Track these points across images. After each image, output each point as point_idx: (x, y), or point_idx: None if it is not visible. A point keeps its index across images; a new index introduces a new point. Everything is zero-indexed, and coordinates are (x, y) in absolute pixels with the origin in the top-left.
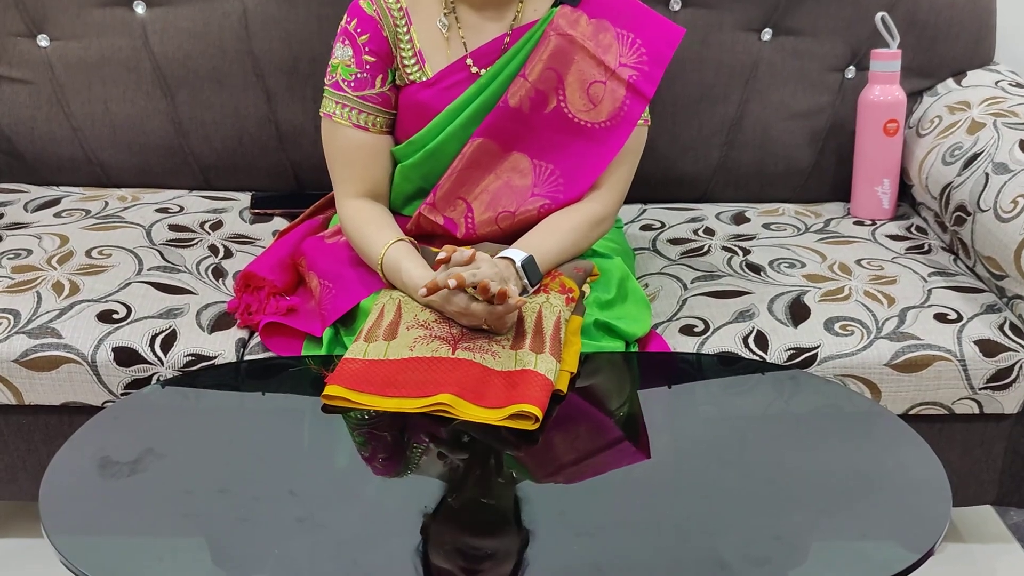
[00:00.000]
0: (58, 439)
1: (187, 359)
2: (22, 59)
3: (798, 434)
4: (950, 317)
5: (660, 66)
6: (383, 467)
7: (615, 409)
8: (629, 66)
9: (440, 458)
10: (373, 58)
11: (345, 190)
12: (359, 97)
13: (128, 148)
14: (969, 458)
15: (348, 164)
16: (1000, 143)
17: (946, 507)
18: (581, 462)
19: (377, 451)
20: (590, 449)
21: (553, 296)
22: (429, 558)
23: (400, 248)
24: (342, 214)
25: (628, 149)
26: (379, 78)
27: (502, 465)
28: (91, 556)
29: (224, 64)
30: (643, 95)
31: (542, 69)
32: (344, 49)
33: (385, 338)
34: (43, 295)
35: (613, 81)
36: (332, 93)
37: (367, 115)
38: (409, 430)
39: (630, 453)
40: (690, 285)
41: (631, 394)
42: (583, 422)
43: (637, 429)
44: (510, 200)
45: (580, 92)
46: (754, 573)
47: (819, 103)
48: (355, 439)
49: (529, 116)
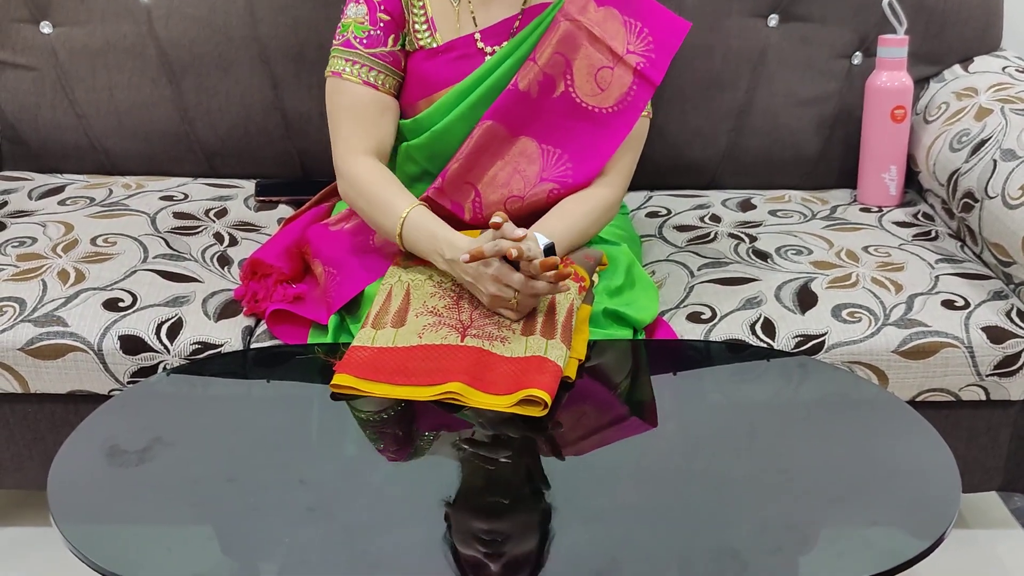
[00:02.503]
0: (64, 428)
1: (194, 347)
2: (26, 45)
3: (807, 421)
4: (957, 304)
5: (667, 55)
6: (393, 455)
7: (623, 396)
8: (636, 53)
9: (449, 446)
10: (387, 16)
11: (352, 146)
12: (371, 54)
13: (133, 135)
14: (975, 445)
15: (358, 120)
16: (1008, 129)
17: (956, 494)
18: (590, 449)
19: (386, 439)
20: (599, 436)
21: (568, 283)
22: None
23: (425, 211)
24: (349, 172)
25: (632, 137)
26: (391, 37)
27: (512, 452)
28: (100, 545)
29: (230, 50)
30: (651, 82)
31: (551, 54)
32: (359, 8)
33: (393, 325)
34: (48, 283)
35: (620, 67)
36: (342, 51)
37: (377, 72)
38: (418, 418)
39: (639, 440)
40: (697, 272)
41: (639, 381)
42: (592, 409)
43: (646, 417)
44: (519, 184)
45: (588, 77)
46: (766, 561)
47: (826, 89)
48: (364, 427)
49: (538, 100)
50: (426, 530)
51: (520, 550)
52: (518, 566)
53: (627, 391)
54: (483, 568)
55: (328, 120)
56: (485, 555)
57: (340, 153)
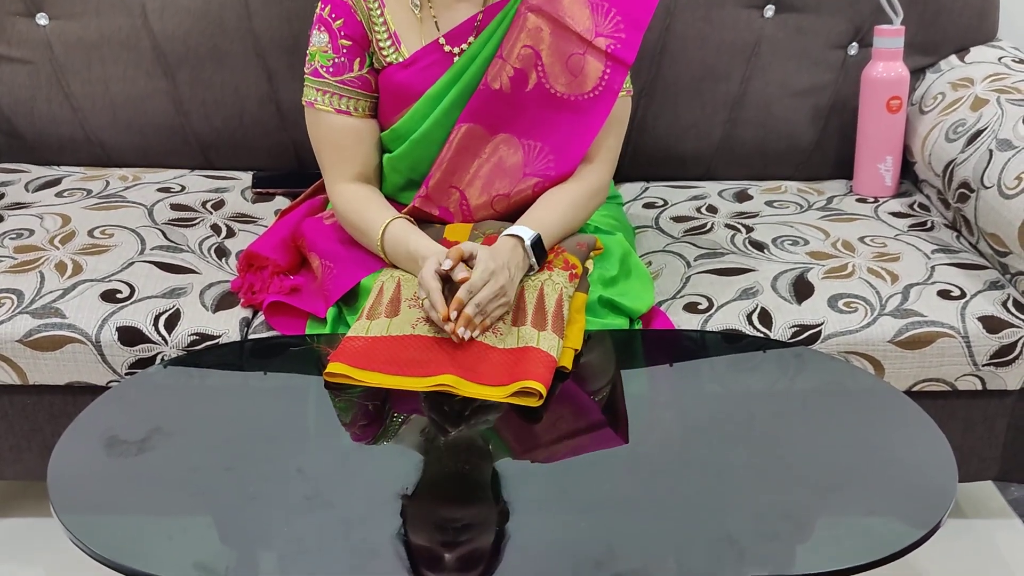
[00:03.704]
0: (62, 419)
1: (191, 338)
2: (21, 38)
3: (803, 411)
4: (953, 294)
5: (638, 31)
6: (390, 445)
7: (620, 386)
8: (605, 35)
9: (446, 436)
10: (349, 42)
11: (336, 175)
12: (338, 82)
13: (128, 128)
14: (971, 434)
15: (336, 149)
16: (1004, 120)
17: (952, 483)
18: (587, 439)
19: (383, 429)
20: (595, 426)
21: (556, 273)
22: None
23: (402, 223)
24: (336, 200)
25: (613, 119)
26: (356, 61)
27: (507, 443)
28: (100, 535)
29: (224, 43)
30: (623, 63)
31: (519, 47)
32: (320, 36)
33: (387, 315)
34: (46, 275)
35: (591, 52)
36: (312, 81)
37: (347, 99)
38: (415, 408)
39: (636, 430)
40: (693, 263)
41: (636, 371)
42: (588, 399)
43: (643, 406)
44: (503, 182)
45: (560, 66)
46: (763, 549)
47: (822, 80)
48: (361, 417)
49: (511, 96)
50: (421, 519)
51: (517, 540)
52: (514, 555)
53: (624, 381)
54: (477, 558)
55: (312, 148)
56: (479, 545)
57: (327, 184)
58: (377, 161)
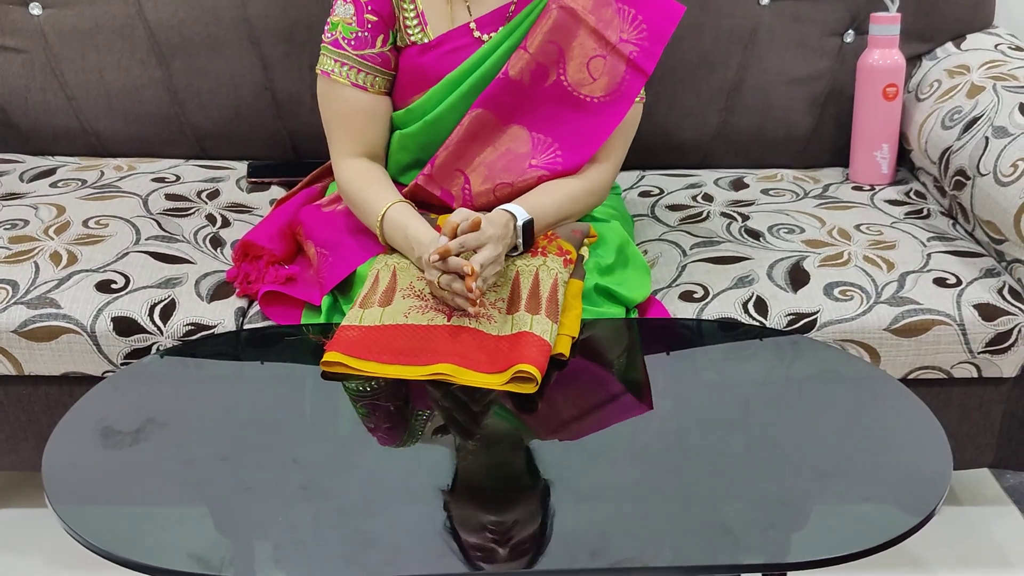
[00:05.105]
0: (58, 409)
1: (187, 328)
2: (15, 28)
3: (799, 399)
4: (949, 282)
5: (660, 43)
6: (385, 434)
7: (616, 374)
8: (630, 42)
9: (442, 425)
10: (375, 17)
11: (343, 149)
12: (359, 56)
13: (123, 117)
14: (967, 422)
15: (346, 125)
16: (1000, 107)
17: (947, 470)
18: (583, 427)
19: (379, 418)
20: (592, 414)
21: (551, 259)
22: (430, 524)
23: (404, 208)
24: (340, 174)
25: (624, 125)
26: (380, 38)
27: (504, 431)
28: (95, 525)
29: (219, 31)
30: (643, 71)
31: (543, 42)
32: (346, 7)
33: (380, 304)
34: (41, 265)
35: (613, 56)
36: (331, 51)
37: (366, 75)
38: (410, 397)
39: (632, 418)
40: (689, 251)
41: (632, 360)
42: (584, 387)
43: (639, 395)
44: (508, 172)
45: (580, 66)
46: (758, 537)
47: (818, 68)
48: (356, 407)
49: (529, 88)
50: (418, 509)
51: (513, 530)
52: (511, 545)
53: (620, 369)
54: (477, 548)
55: (321, 119)
56: (479, 535)
57: (333, 156)
58: (386, 140)
